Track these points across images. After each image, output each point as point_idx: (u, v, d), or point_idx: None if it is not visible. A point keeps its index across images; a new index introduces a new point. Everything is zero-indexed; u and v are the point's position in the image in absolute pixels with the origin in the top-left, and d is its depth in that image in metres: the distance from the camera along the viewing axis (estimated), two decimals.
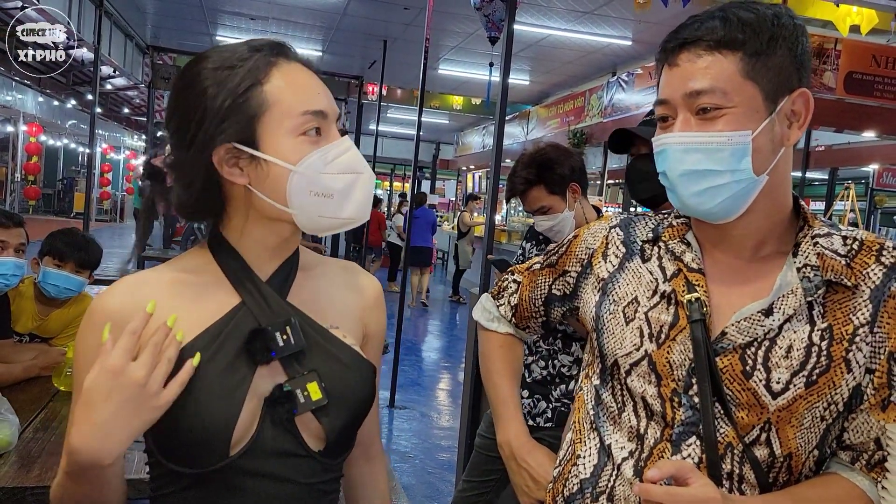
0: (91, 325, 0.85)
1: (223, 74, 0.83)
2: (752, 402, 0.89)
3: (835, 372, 0.87)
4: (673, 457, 0.91)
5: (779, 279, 0.90)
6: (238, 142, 0.83)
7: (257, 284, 0.89)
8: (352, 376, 0.90)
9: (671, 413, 0.92)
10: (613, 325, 1.00)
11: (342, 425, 0.89)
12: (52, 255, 2.28)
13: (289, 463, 0.86)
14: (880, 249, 0.90)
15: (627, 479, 0.94)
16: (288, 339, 0.85)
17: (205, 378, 0.82)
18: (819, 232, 0.92)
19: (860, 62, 6.23)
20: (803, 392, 0.87)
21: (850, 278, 0.89)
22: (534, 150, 2.12)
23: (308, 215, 0.85)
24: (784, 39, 0.86)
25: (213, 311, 0.86)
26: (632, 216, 1.09)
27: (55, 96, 12.70)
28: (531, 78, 11.27)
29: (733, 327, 0.90)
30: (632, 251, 1.03)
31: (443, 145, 19.08)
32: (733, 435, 0.89)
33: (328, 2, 8.16)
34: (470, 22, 8.12)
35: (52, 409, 1.94)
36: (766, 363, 0.88)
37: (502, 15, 3.65)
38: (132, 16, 9.68)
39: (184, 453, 0.82)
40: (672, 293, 0.95)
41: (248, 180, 0.85)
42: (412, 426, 4.72)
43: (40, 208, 18.33)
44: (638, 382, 0.95)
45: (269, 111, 0.83)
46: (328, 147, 0.85)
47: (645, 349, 0.95)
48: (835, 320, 0.88)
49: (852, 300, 0.89)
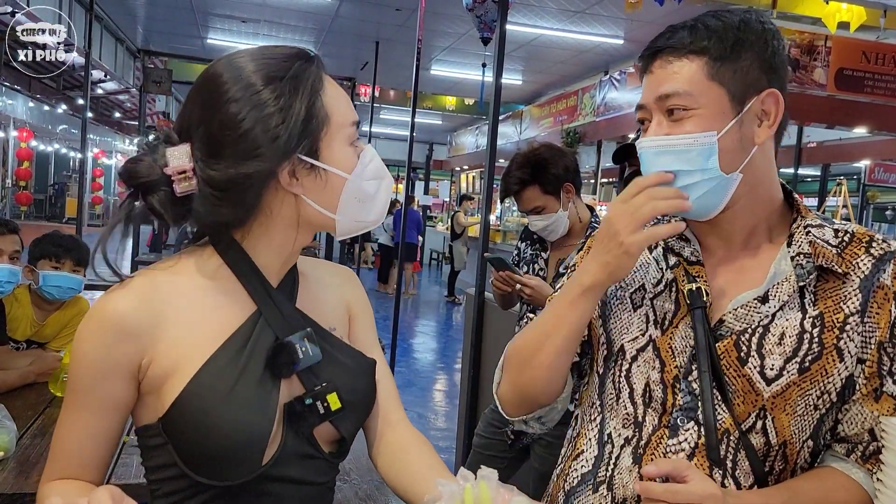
0: (96, 330, 0.82)
1: (284, 87, 0.81)
2: (747, 389, 0.91)
3: (826, 360, 0.90)
4: (670, 441, 0.93)
5: (773, 267, 0.94)
6: (306, 154, 0.83)
7: (270, 292, 0.89)
8: (361, 380, 0.93)
9: (671, 399, 0.94)
10: (621, 310, 1.02)
11: (355, 428, 0.92)
12: (48, 257, 2.29)
13: (307, 466, 0.88)
14: (870, 241, 0.94)
15: (626, 468, 0.96)
16: (307, 352, 0.86)
17: (239, 394, 0.81)
18: (812, 223, 0.97)
19: (850, 59, 6.26)
20: (796, 378, 0.90)
21: (841, 266, 0.92)
22: (528, 151, 2.13)
23: (348, 220, 0.88)
24: (751, 44, 0.91)
25: (232, 320, 0.86)
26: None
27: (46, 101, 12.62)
28: (524, 78, 11.29)
29: (731, 314, 0.94)
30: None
31: (436, 146, 19.07)
32: (730, 422, 0.91)
33: (320, 3, 8.15)
34: (462, 22, 8.13)
35: (50, 414, 1.93)
36: (760, 350, 0.91)
37: (494, 15, 3.65)
38: (122, 20, 9.65)
39: (216, 467, 0.81)
40: (673, 281, 0.99)
41: (303, 190, 0.85)
42: None
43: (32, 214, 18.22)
44: (643, 368, 0.97)
45: (328, 122, 0.85)
46: (363, 154, 0.88)
47: (650, 335, 0.98)
48: (826, 308, 0.91)
49: (842, 289, 0.92)
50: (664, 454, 0.93)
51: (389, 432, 0.99)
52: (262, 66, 0.83)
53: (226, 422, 0.79)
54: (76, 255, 2.33)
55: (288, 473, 0.86)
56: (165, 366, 0.82)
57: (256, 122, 0.80)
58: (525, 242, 2.31)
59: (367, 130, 8.95)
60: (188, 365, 0.81)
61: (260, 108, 0.80)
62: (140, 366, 0.83)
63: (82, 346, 0.82)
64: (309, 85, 0.84)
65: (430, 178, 20.02)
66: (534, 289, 2.03)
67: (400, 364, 5.86)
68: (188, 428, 0.80)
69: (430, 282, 12.24)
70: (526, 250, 2.29)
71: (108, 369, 0.82)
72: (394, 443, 0.98)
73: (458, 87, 12.27)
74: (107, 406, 0.84)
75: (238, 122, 0.80)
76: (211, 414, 0.79)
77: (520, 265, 2.28)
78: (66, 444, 0.85)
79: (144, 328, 0.82)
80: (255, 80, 0.81)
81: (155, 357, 0.82)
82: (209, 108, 0.82)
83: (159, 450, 0.84)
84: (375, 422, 1.00)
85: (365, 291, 1.08)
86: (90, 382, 0.83)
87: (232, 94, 0.81)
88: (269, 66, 0.83)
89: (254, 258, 0.88)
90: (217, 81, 0.82)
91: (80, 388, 0.83)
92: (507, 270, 2.12)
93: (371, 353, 0.98)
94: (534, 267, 2.23)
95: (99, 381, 0.82)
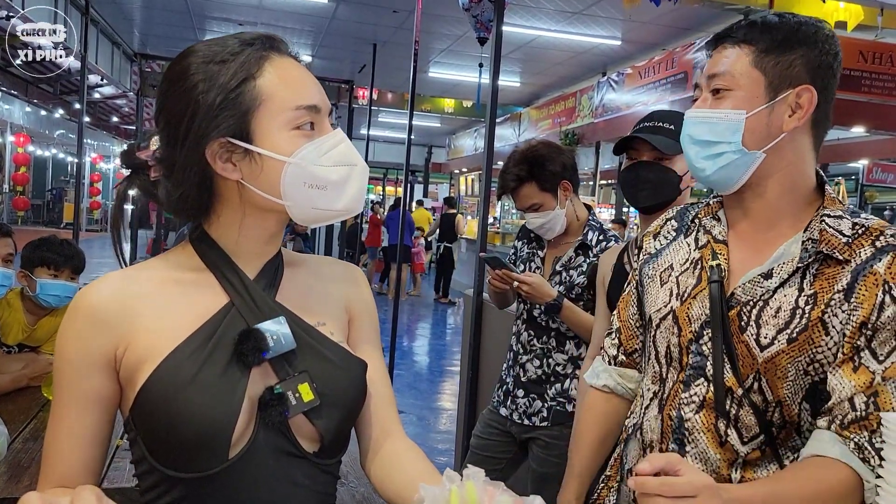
0: (75, 320, 0.83)
1: (214, 69, 0.82)
2: (745, 354, 1.03)
3: (812, 331, 0.99)
4: (684, 394, 1.07)
5: (782, 248, 1.04)
6: (232, 136, 0.82)
7: (245, 283, 0.88)
8: (342, 375, 0.89)
9: (686, 359, 1.09)
10: (651, 287, 1.18)
11: (336, 426, 0.88)
12: (46, 265, 2.26)
13: (284, 465, 0.85)
14: (880, 234, 1.01)
15: (654, 416, 1.12)
16: (278, 339, 0.84)
17: (202, 382, 0.80)
18: (830, 213, 1.05)
19: (848, 58, 6.26)
20: (785, 347, 1.00)
21: (844, 254, 1.00)
22: (525, 148, 2.12)
23: (301, 207, 0.85)
24: (800, 42, 1.02)
25: (203, 311, 0.85)
26: (687, 209, 1.24)
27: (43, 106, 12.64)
28: (522, 79, 11.30)
29: (740, 288, 1.06)
30: (679, 231, 1.21)
31: (435, 149, 19.09)
32: (734, 380, 1.03)
33: (317, 6, 8.15)
34: (459, 24, 8.13)
35: (42, 418, 1.92)
36: (758, 320, 1.03)
37: (491, 16, 3.64)
38: (119, 23, 9.65)
39: (182, 458, 0.80)
40: (700, 259, 1.12)
41: (241, 175, 0.84)
42: (409, 430, 4.66)
43: (29, 219, 18.22)
44: (665, 333, 1.12)
45: (263, 105, 0.83)
46: (322, 139, 0.85)
47: (671, 306, 1.12)
48: (821, 289, 1.00)
49: (840, 273, 1.00)
50: (679, 405, 1.08)
51: (383, 441, 0.97)
52: (207, 53, 0.84)
53: (188, 409, 0.78)
54: (75, 263, 2.32)
55: (262, 472, 0.83)
56: (137, 356, 0.82)
57: (186, 105, 0.82)
58: (522, 241, 2.30)
59: (366, 133, 8.95)
60: (157, 355, 0.81)
61: (189, 92, 0.82)
62: (115, 356, 0.83)
63: (61, 341, 0.85)
64: (239, 68, 0.82)
65: (429, 180, 20.04)
66: (532, 286, 2.02)
67: (399, 367, 5.84)
68: (153, 418, 0.80)
69: (428, 286, 12.22)
70: (523, 249, 2.28)
71: (86, 362, 0.83)
72: (387, 452, 0.96)
73: (456, 90, 12.27)
74: (90, 401, 0.84)
75: (173, 106, 0.83)
76: (173, 401, 0.78)
77: (516, 263, 2.27)
78: (55, 444, 0.84)
79: (117, 319, 0.83)
80: (193, 65, 0.83)
81: (129, 347, 0.83)
82: (160, 95, 0.86)
83: (135, 445, 0.84)
84: (369, 430, 0.97)
85: (371, 294, 1.04)
86: (72, 377, 0.84)
87: (172, 79, 0.84)
88: (213, 53, 0.84)
89: (225, 249, 0.88)
90: (169, 69, 0.86)
91: (64, 384, 0.84)
92: (503, 269, 2.11)
93: (368, 357, 0.95)
94: (530, 265, 2.22)
95: (80, 374, 0.83)
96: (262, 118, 0.83)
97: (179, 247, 0.91)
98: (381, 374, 0.99)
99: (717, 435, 1.04)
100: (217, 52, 0.84)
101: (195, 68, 0.83)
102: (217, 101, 0.81)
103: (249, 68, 0.83)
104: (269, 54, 0.85)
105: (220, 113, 0.81)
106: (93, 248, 13.81)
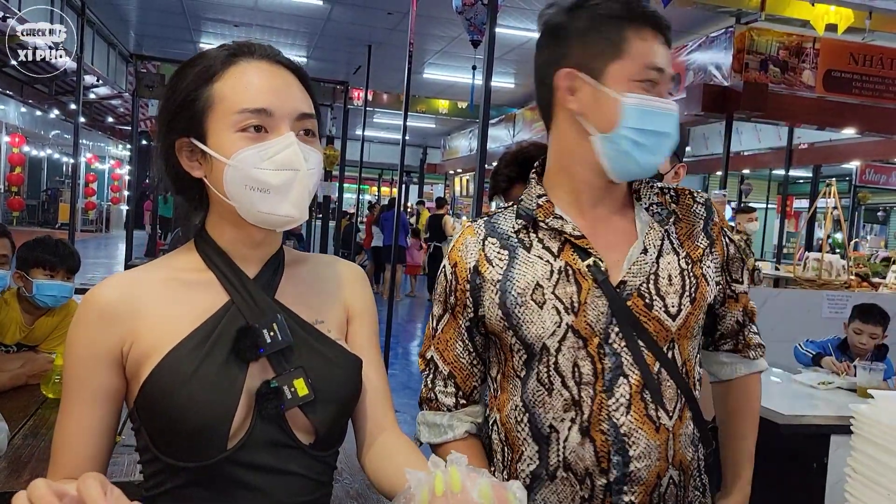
0: (85, 318, 0.87)
1: (186, 72, 0.89)
2: (658, 329, 1.05)
3: (702, 286, 1.09)
4: (609, 402, 1.02)
5: (638, 221, 1.09)
6: (192, 136, 0.88)
7: (244, 282, 0.91)
8: (337, 372, 0.92)
9: (600, 366, 1.03)
10: (529, 314, 1.05)
11: (330, 420, 0.91)
12: (42, 266, 2.28)
13: (282, 456, 0.88)
14: (691, 194, 1.15)
15: (577, 443, 1.04)
16: (275, 336, 0.87)
17: (202, 375, 0.84)
18: (635, 184, 1.14)
19: (838, 60, 6.32)
20: (691, 308, 1.07)
21: (684, 213, 1.12)
22: (516, 149, 2.14)
23: (247, 209, 0.87)
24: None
25: (204, 309, 0.88)
26: (489, 219, 1.15)
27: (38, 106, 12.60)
28: (516, 81, 11.32)
29: (629, 273, 1.05)
30: (513, 248, 1.10)
31: (430, 149, 19.09)
32: (652, 359, 1.04)
33: (312, 8, 8.17)
34: (454, 26, 8.16)
35: (41, 416, 1.94)
36: (659, 293, 1.05)
37: (484, 18, 3.68)
38: (114, 24, 9.65)
39: (182, 447, 0.84)
40: (566, 266, 1.06)
41: (204, 173, 0.89)
42: (404, 429, 4.68)
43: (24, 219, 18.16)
44: (569, 354, 1.04)
45: (213, 108, 0.87)
46: (268, 143, 0.85)
47: (566, 322, 1.04)
48: (689, 248, 1.10)
49: (692, 230, 1.11)
50: (609, 415, 1.02)
51: (377, 435, 1.00)
52: (190, 59, 0.91)
53: (188, 401, 0.82)
54: (70, 263, 2.34)
55: (260, 462, 0.86)
56: (142, 351, 0.86)
57: (164, 102, 0.91)
58: None
59: (360, 134, 8.96)
60: (159, 350, 0.85)
61: (169, 91, 0.90)
62: (122, 352, 0.87)
63: (71, 339, 0.88)
64: (200, 72, 0.88)
65: (424, 181, 20.05)
66: None
67: (394, 367, 5.86)
68: (155, 409, 0.84)
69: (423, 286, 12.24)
70: None
71: (95, 358, 0.86)
72: (382, 446, 0.98)
73: (450, 91, 12.29)
74: (98, 396, 0.87)
75: (161, 102, 0.93)
76: (174, 394, 0.82)
77: None
78: (64, 436, 0.88)
79: (124, 316, 0.86)
80: (183, 70, 0.91)
81: (134, 343, 0.86)
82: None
83: (139, 435, 0.89)
84: (364, 424, 1.00)
85: (371, 295, 1.07)
86: (81, 372, 0.87)
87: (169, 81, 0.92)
88: (195, 58, 0.91)
89: (223, 247, 0.92)
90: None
91: (74, 379, 0.88)
92: None
93: (365, 354, 0.98)
94: None
95: (89, 370, 0.87)
96: (214, 120, 0.87)
97: (184, 248, 0.95)
98: (378, 371, 1.02)
99: (651, 423, 1.03)
100: (196, 57, 0.91)
101: (183, 71, 0.90)
102: (177, 102, 0.88)
103: (211, 72, 0.88)
104: (237, 60, 0.88)
105: (179, 112, 0.88)
106: (88, 248, 13.77)
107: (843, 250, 6.64)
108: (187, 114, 0.87)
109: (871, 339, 3.11)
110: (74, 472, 0.83)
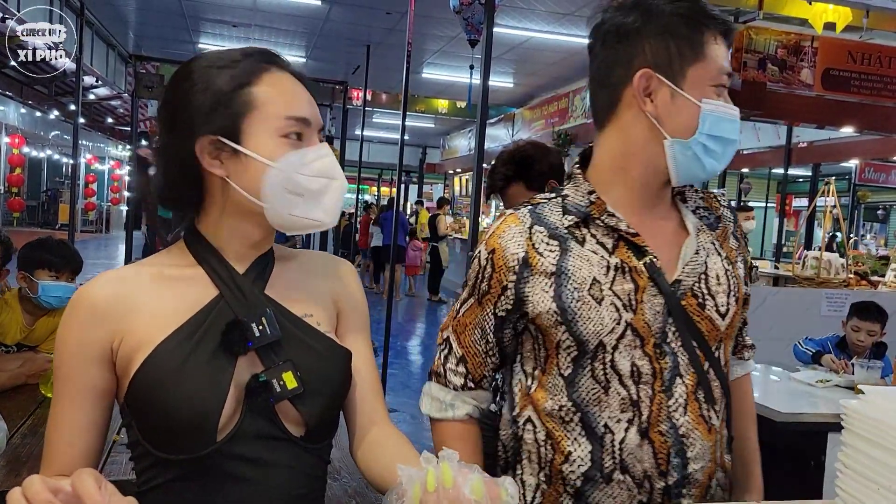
0: (75, 316, 0.88)
1: (213, 72, 0.89)
2: (710, 328, 1.06)
3: (741, 286, 1.12)
4: (670, 402, 1.02)
5: (688, 222, 1.11)
6: (222, 135, 0.87)
7: (234, 277, 0.92)
8: (326, 365, 0.93)
9: (658, 365, 1.02)
10: (586, 309, 1.02)
11: (319, 412, 0.92)
12: (47, 267, 2.29)
13: (272, 448, 0.89)
14: (716, 197, 1.19)
15: (636, 445, 1.02)
16: (264, 330, 0.88)
17: (190, 369, 0.85)
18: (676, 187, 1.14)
19: (836, 59, 6.31)
20: (736, 308, 1.09)
21: (719, 213, 1.16)
22: (513, 148, 2.15)
23: (278, 211, 0.89)
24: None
25: (193, 304, 0.89)
26: (533, 208, 1.11)
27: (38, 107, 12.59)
28: (515, 80, 11.33)
29: (684, 273, 1.06)
30: (563, 240, 1.06)
31: (429, 149, 19.09)
32: (704, 360, 1.05)
33: (310, 8, 8.17)
34: (452, 26, 8.16)
35: (40, 415, 1.95)
36: (710, 292, 1.07)
37: (481, 18, 3.68)
38: (114, 25, 9.65)
39: (172, 441, 0.85)
40: (621, 263, 1.04)
41: (227, 173, 0.89)
42: (403, 429, 4.63)
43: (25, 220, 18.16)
44: (626, 352, 1.02)
45: (255, 111, 0.88)
46: (307, 150, 0.90)
47: (625, 320, 1.02)
48: (727, 249, 1.13)
49: (726, 233, 1.15)
50: (669, 416, 1.01)
51: (369, 428, 1.01)
52: (211, 59, 0.91)
53: (177, 394, 0.83)
54: (74, 264, 2.36)
55: (251, 454, 0.87)
56: (131, 347, 0.87)
57: (183, 100, 0.89)
58: None
59: (359, 134, 8.96)
60: (148, 344, 0.86)
61: (188, 89, 0.89)
62: (112, 349, 0.88)
63: (62, 337, 0.89)
64: (237, 73, 0.89)
65: (424, 181, 20.05)
66: None
67: (393, 366, 5.87)
68: (144, 403, 0.85)
69: (423, 285, 12.24)
70: None
71: (85, 355, 0.87)
72: (372, 438, 1.00)
73: (449, 91, 12.29)
74: (89, 393, 0.88)
75: (172, 99, 0.91)
76: (163, 388, 0.83)
77: None
78: (56, 434, 0.89)
79: (114, 314, 0.87)
80: (197, 68, 0.90)
81: (124, 339, 0.87)
82: (166, 91, 0.93)
83: (130, 430, 0.89)
84: (355, 418, 1.01)
85: (361, 289, 1.07)
86: (72, 370, 0.88)
87: (177, 78, 0.91)
88: (215, 59, 0.91)
89: (215, 245, 0.93)
90: (177, 70, 0.93)
91: (65, 377, 0.89)
92: None
93: (355, 347, 0.99)
94: None
95: (80, 367, 0.88)
96: (253, 122, 0.88)
97: (174, 246, 0.96)
98: (368, 364, 1.03)
99: (705, 423, 1.03)
100: (219, 59, 0.91)
101: (198, 70, 0.90)
102: (211, 100, 0.88)
103: (247, 76, 0.89)
104: (269, 67, 0.91)
105: (212, 111, 0.88)
106: (88, 248, 13.77)
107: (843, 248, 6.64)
108: (221, 113, 0.88)
109: (869, 336, 3.12)
110: (67, 469, 0.84)
